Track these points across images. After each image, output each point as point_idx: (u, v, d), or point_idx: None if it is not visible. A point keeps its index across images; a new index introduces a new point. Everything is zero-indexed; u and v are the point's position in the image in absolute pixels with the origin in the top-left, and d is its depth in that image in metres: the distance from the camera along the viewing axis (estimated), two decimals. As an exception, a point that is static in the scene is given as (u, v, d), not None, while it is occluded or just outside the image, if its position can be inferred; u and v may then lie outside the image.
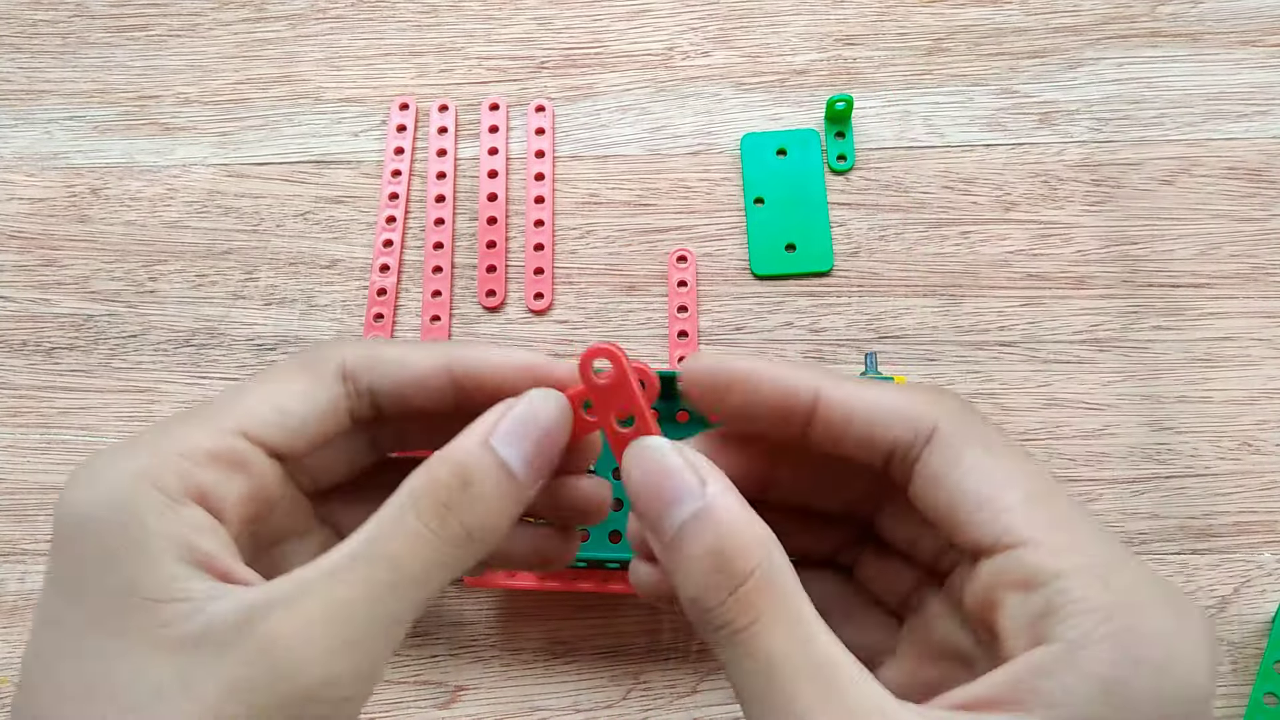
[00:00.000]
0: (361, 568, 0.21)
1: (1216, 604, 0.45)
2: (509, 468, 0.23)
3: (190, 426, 0.23)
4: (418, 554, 0.21)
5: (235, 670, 0.19)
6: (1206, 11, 0.56)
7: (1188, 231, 0.51)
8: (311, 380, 0.24)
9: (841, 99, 0.53)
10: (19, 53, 0.59)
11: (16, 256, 0.54)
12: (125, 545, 0.20)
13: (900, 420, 0.23)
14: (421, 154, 0.55)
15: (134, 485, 0.21)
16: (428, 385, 0.25)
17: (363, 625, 0.20)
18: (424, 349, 0.25)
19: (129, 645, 0.20)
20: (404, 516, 0.22)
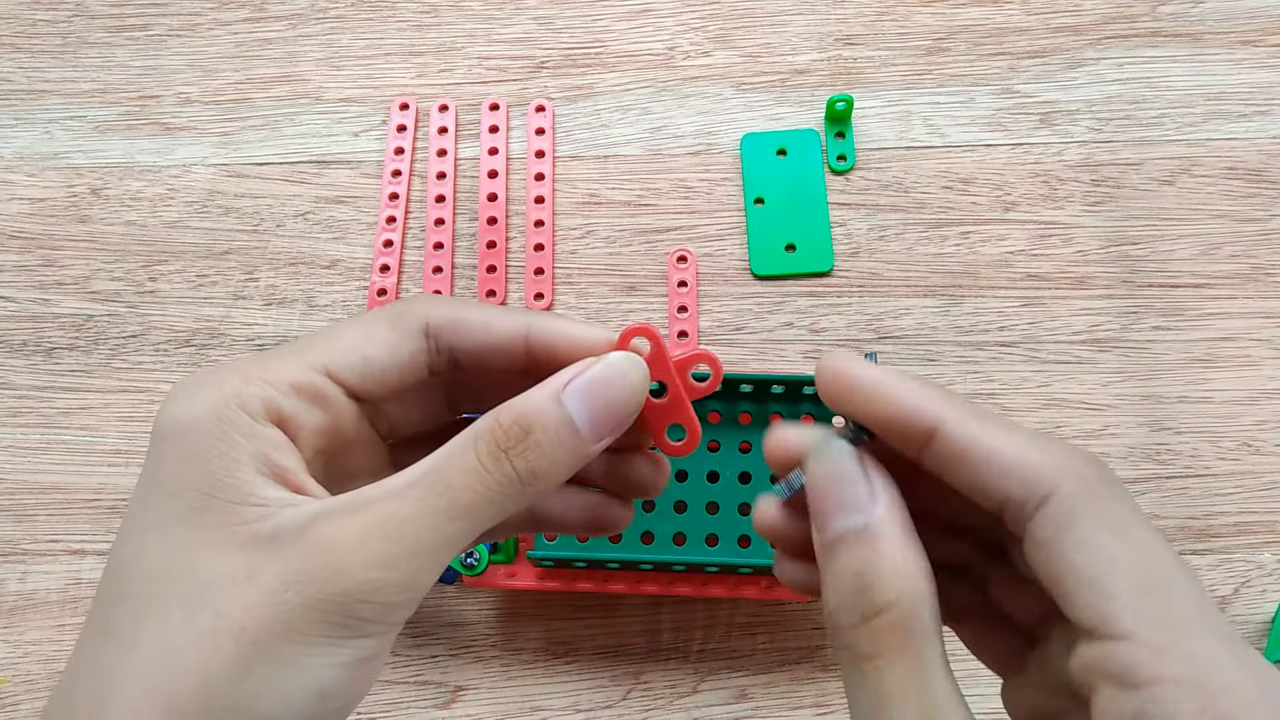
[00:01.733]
0: (419, 491, 0.22)
1: (1216, 604, 0.45)
2: (573, 423, 0.24)
3: (280, 359, 0.25)
4: (471, 486, 0.23)
5: (294, 564, 0.21)
6: (1207, 11, 0.56)
7: (1188, 231, 0.51)
8: (397, 332, 0.26)
9: (841, 99, 0.53)
10: (19, 53, 0.59)
11: (16, 256, 0.54)
12: (212, 453, 0.23)
13: (1016, 476, 0.22)
14: (422, 154, 0.55)
15: (223, 403, 0.23)
16: (506, 350, 0.26)
17: (411, 541, 0.22)
18: (506, 315, 0.27)
19: (209, 536, 0.22)
20: (465, 451, 0.23)
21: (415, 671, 0.45)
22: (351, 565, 0.21)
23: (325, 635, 0.21)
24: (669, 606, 0.46)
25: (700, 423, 0.27)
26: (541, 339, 0.26)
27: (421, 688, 0.45)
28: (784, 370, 0.50)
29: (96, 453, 0.50)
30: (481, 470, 0.23)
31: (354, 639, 0.22)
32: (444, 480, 0.23)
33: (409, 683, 0.45)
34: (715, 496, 0.45)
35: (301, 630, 0.21)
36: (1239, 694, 0.19)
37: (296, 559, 0.21)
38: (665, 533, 0.44)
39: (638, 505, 0.45)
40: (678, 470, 0.45)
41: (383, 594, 0.22)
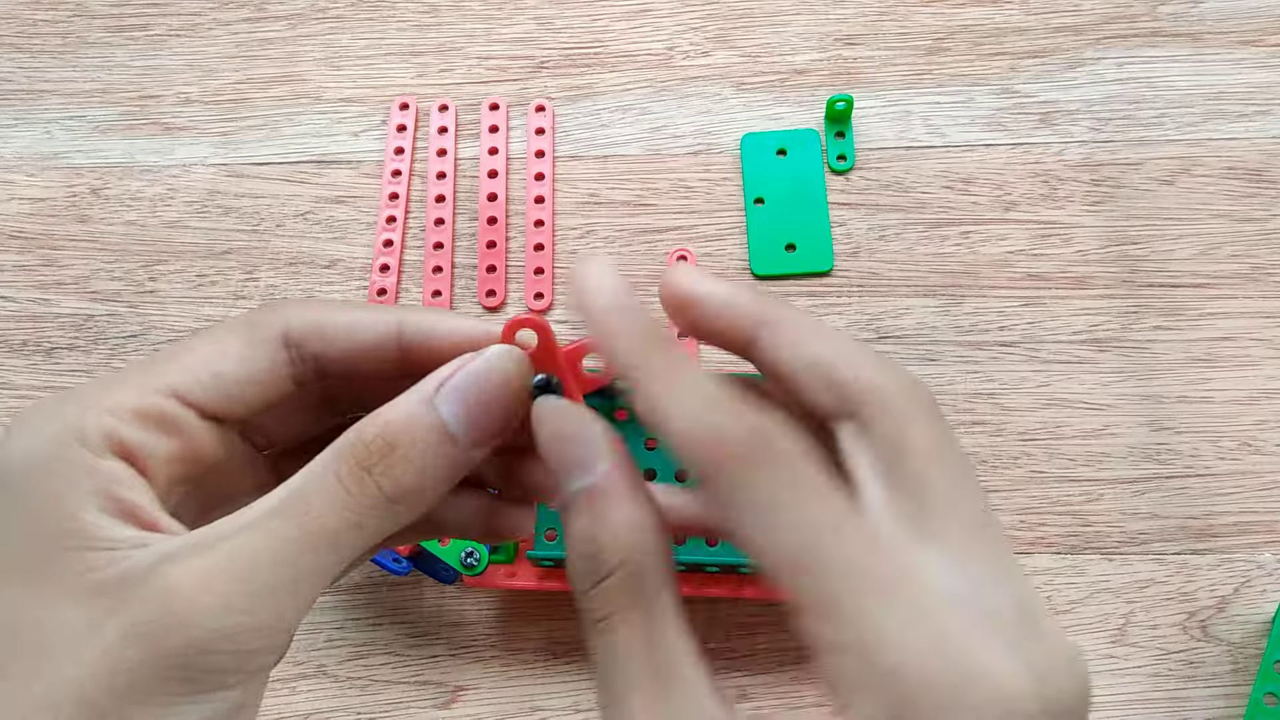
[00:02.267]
0: (275, 521, 0.21)
1: (1216, 604, 0.45)
2: (446, 429, 0.22)
3: (120, 385, 0.22)
4: (332, 513, 0.21)
5: (135, 615, 0.19)
6: (1207, 11, 0.56)
7: (1188, 231, 0.51)
8: (250, 343, 0.23)
9: (841, 99, 0.53)
10: (19, 53, 0.59)
11: (16, 256, 0.54)
12: (47, 498, 0.20)
13: (827, 390, 0.22)
14: (421, 154, 0.55)
15: (59, 439, 0.21)
16: (377, 353, 0.24)
17: (266, 578, 0.20)
18: (374, 314, 0.24)
19: (51, 590, 0.20)
20: (325, 473, 0.21)
21: (415, 671, 0.45)
22: (196, 612, 0.19)
23: (175, 694, 0.19)
24: (669, 606, 0.46)
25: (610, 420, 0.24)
26: (416, 338, 0.24)
27: (421, 688, 0.45)
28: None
29: (96, 453, 0.50)
30: (344, 493, 0.21)
31: (209, 693, 0.20)
32: (302, 506, 0.21)
33: (409, 683, 0.45)
34: (715, 496, 0.45)
35: (147, 690, 0.19)
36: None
37: (138, 609, 0.19)
38: (665, 533, 0.44)
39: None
40: (677, 470, 0.45)
41: (235, 641, 0.19)
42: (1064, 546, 0.46)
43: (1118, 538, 0.46)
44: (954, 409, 0.49)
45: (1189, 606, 0.45)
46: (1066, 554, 0.46)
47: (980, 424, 0.48)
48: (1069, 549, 0.46)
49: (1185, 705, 0.44)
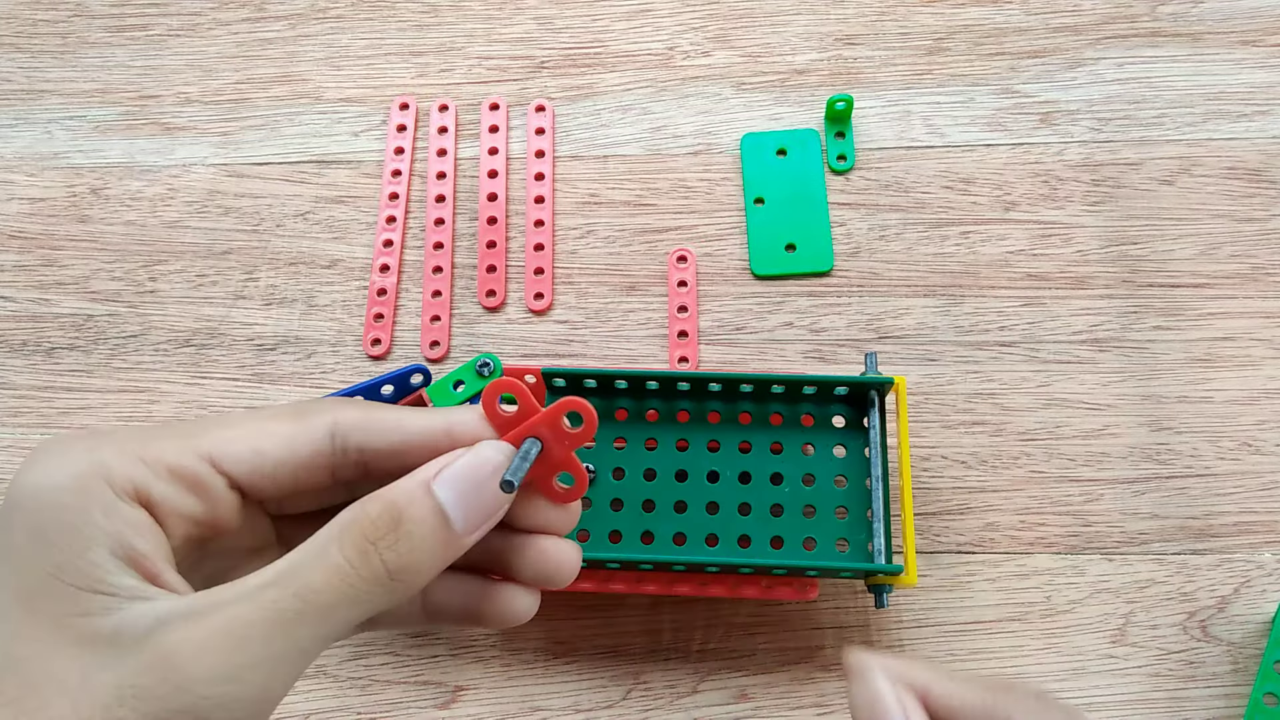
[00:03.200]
0: (272, 592, 0.21)
1: (1216, 604, 0.45)
2: (445, 514, 0.23)
3: (163, 438, 0.23)
4: (331, 586, 0.21)
5: (131, 675, 0.20)
6: (1206, 11, 0.56)
7: (1188, 231, 0.51)
8: (297, 429, 0.24)
9: (841, 99, 0.53)
10: (19, 53, 0.59)
11: (16, 256, 0.54)
12: (61, 527, 0.21)
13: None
14: (421, 154, 0.55)
15: (88, 474, 0.21)
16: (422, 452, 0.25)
17: (259, 649, 0.20)
18: (421, 415, 0.25)
19: (44, 628, 0.20)
20: (327, 547, 0.22)
21: (415, 671, 0.45)
22: (193, 680, 0.20)
23: None
24: (669, 606, 0.46)
25: (587, 466, 0.25)
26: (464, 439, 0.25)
27: (421, 688, 0.45)
28: (784, 370, 0.50)
29: (96, 453, 0.50)
30: (345, 566, 0.21)
31: None
32: (300, 579, 0.21)
33: (409, 683, 0.45)
34: (715, 496, 0.45)
35: None
36: None
37: (134, 669, 0.20)
38: (665, 533, 0.44)
39: (638, 507, 0.45)
40: (678, 470, 0.45)
41: (227, 710, 0.20)
42: (1064, 546, 0.46)
43: (1118, 538, 0.46)
44: (954, 409, 0.49)
45: (1189, 606, 0.45)
46: (1066, 554, 0.46)
47: (980, 424, 0.48)
48: (1069, 549, 0.46)
49: (1185, 705, 0.44)
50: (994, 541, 0.46)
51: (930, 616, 0.45)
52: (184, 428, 0.23)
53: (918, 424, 0.48)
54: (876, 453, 0.44)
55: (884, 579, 0.42)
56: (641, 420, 0.46)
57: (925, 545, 0.46)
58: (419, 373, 0.43)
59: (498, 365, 0.44)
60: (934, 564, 0.46)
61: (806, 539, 0.44)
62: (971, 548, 0.46)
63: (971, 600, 0.45)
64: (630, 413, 0.46)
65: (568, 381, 0.45)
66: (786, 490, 0.45)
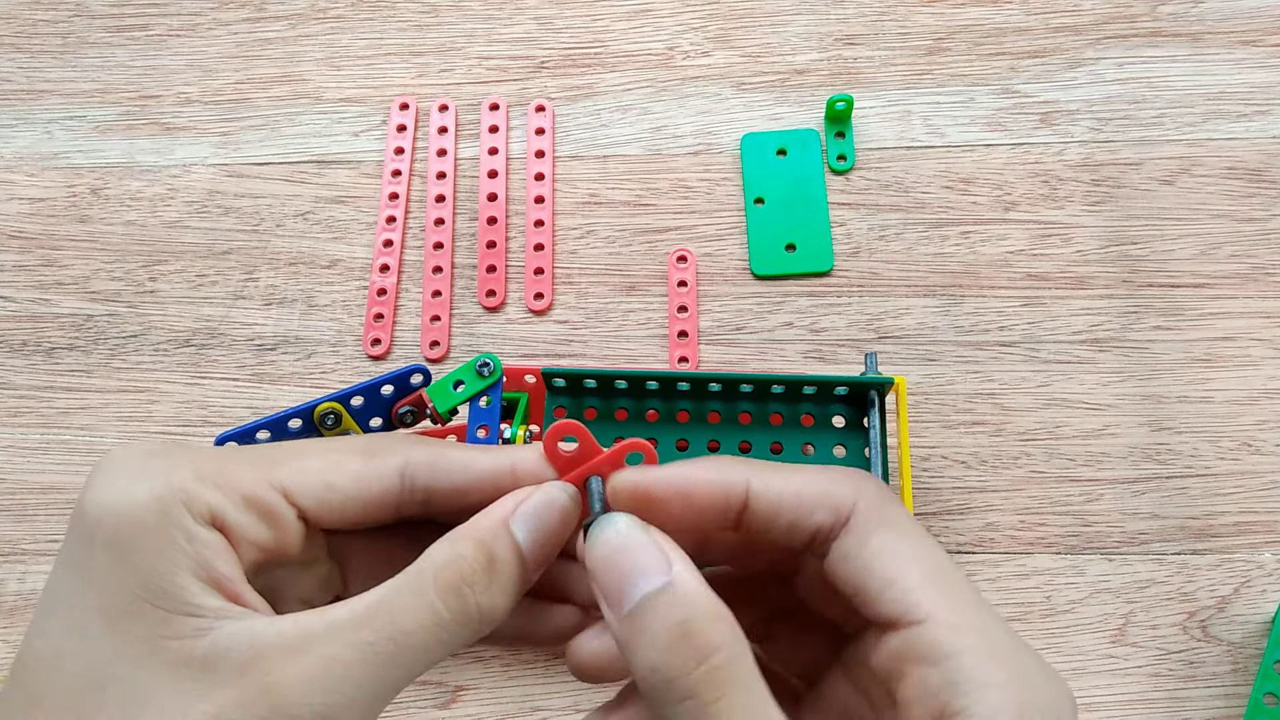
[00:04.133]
0: (367, 633, 0.22)
1: (1216, 604, 0.45)
2: (522, 552, 0.24)
3: (239, 465, 0.23)
4: (424, 629, 0.22)
5: (231, 708, 0.20)
6: (1206, 11, 0.56)
7: (1188, 231, 0.51)
8: (369, 467, 0.24)
9: (841, 99, 0.53)
10: (19, 53, 0.59)
11: (16, 256, 0.54)
12: (149, 551, 0.21)
13: (823, 506, 0.24)
14: (421, 154, 0.55)
15: (166, 496, 0.22)
16: (490, 491, 0.25)
17: (354, 691, 0.21)
18: (487, 454, 0.26)
19: (138, 649, 0.21)
20: (423, 590, 0.22)
21: (415, 671, 0.45)
22: (293, 714, 0.20)
23: None
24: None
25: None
26: (526, 478, 0.25)
27: (421, 688, 0.45)
28: (784, 370, 0.50)
29: (96, 453, 0.50)
30: (439, 609, 0.22)
31: None
32: (396, 624, 0.22)
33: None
34: (715, 496, 0.45)
35: None
36: (1017, 649, 0.22)
37: (233, 701, 0.20)
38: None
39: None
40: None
41: None
42: (1064, 546, 0.46)
43: (1118, 538, 0.46)
44: (954, 409, 0.49)
45: (1189, 606, 0.45)
46: (1066, 554, 0.46)
47: (980, 424, 0.48)
48: (1069, 549, 0.46)
49: (1185, 705, 0.44)
50: (994, 541, 0.46)
51: (930, 616, 0.45)
52: (257, 455, 0.24)
53: (918, 424, 0.48)
54: (876, 453, 0.44)
55: (884, 579, 0.42)
56: (641, 420, 0.46)
57: (925, 545, 0.46)
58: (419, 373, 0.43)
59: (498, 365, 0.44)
60: (934, 564, 0.46)
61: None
62: (971, 548, 0.46)
63: (971, 600, 0.45)
64: (630, 413, 0.46)
65: (567, 381, 0.45)
66: (786, 490, 0.45)
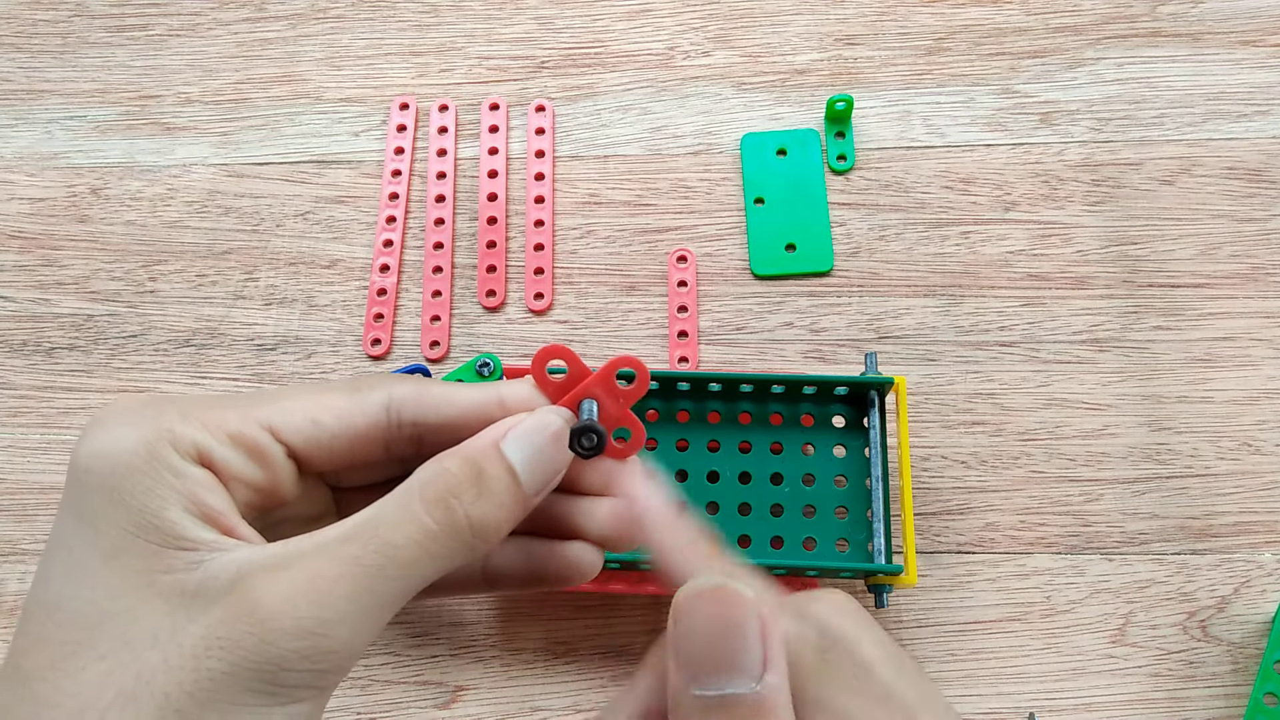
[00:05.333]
0: (353, 548, 0.21)
1: (1216, 604, 0.45)
2: (516, 472, 0.23)
3: (223, 407, 0.23)
4: (413, 541, 0.22)
5: (219, 627, 0.20)
6: (1206, 11, 0.56)
7: (1188, 231, 0.51)
8: (353, 402, 0.24)
9: (841, 99, 0.53)
10: (19, 53, 0.59)
11: (16, 256, 0.54)
12: (139, 489, 0.21)
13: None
14: (421, 154, 0.55)
15: (154, 439, 0.22)
16: (476, 422, 0.25)
17: (344, 605, 0.21)
18: (471, 388, 0.26)
19: (132, 583, 0.21)
20: (407, 502, 0.22)
21: (415, 671, 0.45)
22: (279, 633, 0.20)
23: (250, 704, 0.20)
24: (669, 606, 0.46)
25: (642, 422, 0.26)
26: (515, 408, 0.26)
27: (421, 688, 0.45)
28: (784, 370, 0.50)
29: (96, 453, 0.50)
30: (426, 521, 0.22)
31: (283, 705, 0.21)
32: (380, 536, 0.22)
33: (409, 683, 0.45)
34: (715, 496, 0.45)
35: (226, 698, 0.20)
36: None
37: (221, 621, 0.20)
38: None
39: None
40: (677, 470, 0.45)
41: (313, 661, 0.21)
42: (1064, 546, 0.46)
43: (1118, 538, 0.46)
44: (954, 409, 0.49)
45: (1189, 606, 0.45)
46: (1066, 554, 0.46)
47: (980, 424, 0.48)
48: (1069, 549, 0.46)
49: (1185, 705, 0.44)
50: (994, 541, 0.46)
51: (930, 616, 0.45)
52: (243, 398, 0.24)
53: (918, 424, 0.48)
54: (876, 453, 0.44)
55: (884, 579, 0.42)
56: (641, 420, 0.46)
57: (925, 545, 0.46)
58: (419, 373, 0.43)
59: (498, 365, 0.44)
60: (934, 564, 0.46)
61: (806, 539, 0.44)
62: (971, 548, 0.46)
63: (971, 600, 0.45)
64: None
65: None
66: (786, 490, 0.45)
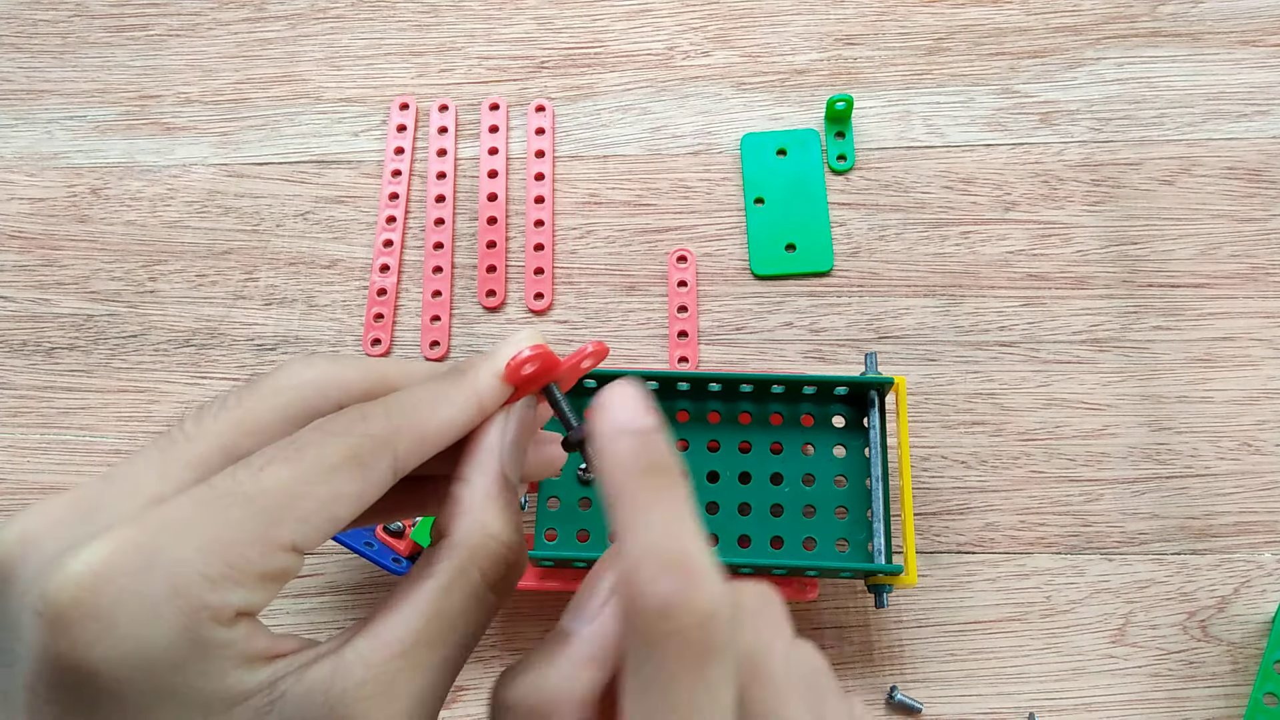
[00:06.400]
0: (444, 650, 0.22)
1: (1216, 604, 0.45)
2: (510, 481, 0.24)
3: (244, 541, 0.20)
4: (485, 623, 0.22)
5: None
6: (1206, 11, 0.56)
7: (1188, 231, 0.51)
8: (365, 485, 0.22)
9: (841, 99, 0.53)
10: (19, 53, 0.59)
11: (16, 256, 0.54)
12: (191, 682, 0.19)
13: None
14: (421, 154, 0.55)
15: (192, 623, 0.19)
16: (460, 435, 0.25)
17: (439, 700, 0.22)
18: (462, 410, 0.24)
19: None
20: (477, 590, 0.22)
21: (415, 671, 0.45)
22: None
23: None
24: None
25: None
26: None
27: (421, 688, 0.45)
28: (784, 370, 0.50)
29: (96, 453, 0.50)
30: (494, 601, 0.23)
31: None
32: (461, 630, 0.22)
33: (409, 683, 0.45)
34: (715, 496, 0.45)
35: None
36: None
37: None
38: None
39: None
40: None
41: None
42: (1064, 546, 0.46)
43: (1118, 538, 0.46)
44: (954, 409, 0.49)
45: (1189, 606, 0.45)
46: (1066, 554, 0.46)
47: (980, 424, 0.48)
48: (1069, 549, 0.46)
49: (1185, 705, 0.44)
50: (994, 541, 0.46)
51: (930, 616, 0.45)
52: (258, 515, 0.21)
53: (918, 424, 0.48)
54: (876, 453, 0.44)
55: (884, 579, 0.42)
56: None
57: (925, 545, 0.46)
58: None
59: None
60: (934, 564, 0.46)
61: (806, 539, 0.44)
62: (971, 548, 0.46)
63: (971, 600, 0.45)
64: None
65: (568, 381, 0.45)
66: (786, 490, 0.45)
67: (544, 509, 0.45)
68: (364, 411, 0.23)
